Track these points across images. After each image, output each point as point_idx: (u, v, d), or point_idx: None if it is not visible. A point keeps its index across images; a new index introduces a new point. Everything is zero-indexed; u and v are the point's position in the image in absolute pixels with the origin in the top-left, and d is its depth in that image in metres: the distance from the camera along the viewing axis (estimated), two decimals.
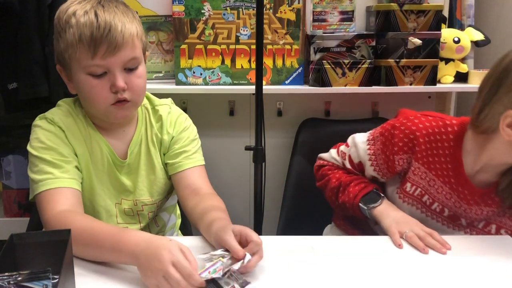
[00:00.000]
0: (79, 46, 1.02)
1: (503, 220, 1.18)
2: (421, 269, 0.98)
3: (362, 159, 1.27)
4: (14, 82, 1.58)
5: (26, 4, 1.53)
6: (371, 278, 0.94)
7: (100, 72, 1.04)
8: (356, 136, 1.30)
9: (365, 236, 1.18)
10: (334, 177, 1.30)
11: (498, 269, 0.99)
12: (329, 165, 1.36)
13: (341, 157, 1.33)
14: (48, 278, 0.73)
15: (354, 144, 1.29)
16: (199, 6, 1.70)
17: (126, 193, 1.19)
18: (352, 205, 1.23)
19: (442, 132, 1.16)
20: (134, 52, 1.06)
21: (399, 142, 1.19)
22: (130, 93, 1.07)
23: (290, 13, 1.73)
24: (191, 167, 1.20)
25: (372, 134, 1.27)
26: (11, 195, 1.94)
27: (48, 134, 1.09)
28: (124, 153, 1.18)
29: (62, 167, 1.07)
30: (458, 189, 1.16)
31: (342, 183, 1.27)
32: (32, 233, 0.84)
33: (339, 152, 1.34)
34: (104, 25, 1.01)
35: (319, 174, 1.37)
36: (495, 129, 1.06)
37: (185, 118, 1.25)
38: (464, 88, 1.79)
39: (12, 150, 1.93)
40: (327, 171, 1.34)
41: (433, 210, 1.22)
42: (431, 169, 1.18)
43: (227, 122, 1.93)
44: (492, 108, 1.06)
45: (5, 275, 0.72)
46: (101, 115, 1.11)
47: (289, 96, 1.90)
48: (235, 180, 1.92)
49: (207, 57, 1.74)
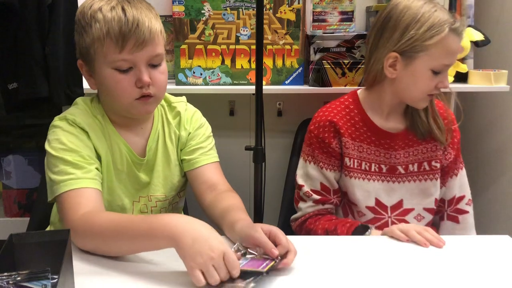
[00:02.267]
0: (106, 40, 1.03)
1: (429, 154, 1.35)
2: (420, 268, 0.98)
3: (318, 177, 1.35)
4: (14, 82, 1.58)
5: (26, 4, 1.53)
6: (371, 278, 0.94)
7: (126, 67, 1.05)
8: (298, 173, 1.40)
9: (365, 236, 1.18)
10: (318, 228, 1.31)
11: (498, 269, 0.99)
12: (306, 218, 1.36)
13: (308, 197, 1.36)
14: (47, 278, 0.73)
15: (304, 177, 1.37)
16: (199, 6, 1.70)
17: (142, 190, 1.20)
18: None
19: (344, 106, 1.36)
20: (158, 48, 1.08)
21: (325, 133, 1.33)
22: (154, 88, 1.09)
23: (290, 13, 1.73)
24: (207, 163, 1.22)
25: (304, 153, 1.39)
26: (11, 195, 1.94)
27: (70, 135, 1.09)
28: (142, 151, 1.19)
29: (84, 168, 1.06)
30: (380, 141, 1.33)
31: (328, 231, 1.28)
32: (31, 233, 0.84)
33: (302, 199, 1.38)
34: (132, 20, 1.02)
35: (303, 233, 1.37)
36: (382, 74, 1.26)
37: (200, 116, 1.28)
38: (464, 88, 1.79)
39: (12, 150, 1.94)
40: (309, 226, 1.34)
41: (373, 172, 1.34)
42: (354, 138, 1.33)
43: (227, 122, 1.93)
44: (378, 54, 1.26)
45: (4, 275, 0.72)
46: (124, 111, 1.12)
47: (289, 96, 1.90)
48: (235, 180, 1.91)
49: (207, 57, 1.74)
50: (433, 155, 1.35)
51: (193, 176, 1.22)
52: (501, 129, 2.00)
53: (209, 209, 1.16)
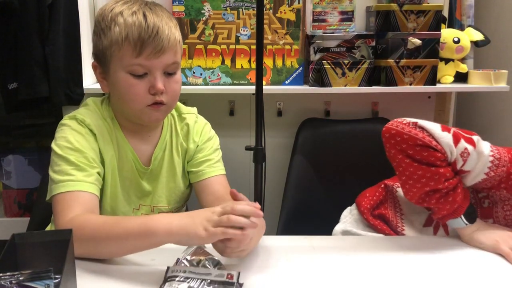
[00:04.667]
0: (124, 44, 1.03)
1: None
2: (421, 269, 0.98)
3: (472, 168, 1.09)
4: (14, 82, 1.58)
5: (26, 4, 1.53)
6: (371, 277, 0.94)
7: (141, 72, 1.05)
8: (483, 144, 1.11)
9: (365, 236, 1.18)
10: (443, 175, 1.07)
11: (497, 270, 0.99)
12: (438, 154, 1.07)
13: (458, 149, 1.08)
14: (50, 278, 0.73)
15: (479, 151, 1.08)
16: (199, 6, 1.70)
17: (144, 199, 1.19)
18: (454, 212, 1.09)
19: None
20: (175, 57, 1.08)
21: None
22: (167, 96, 1.08)
23: (290, 13, 1.73)
24: (214, 175, 1.20)
25: (498, 154, 1.09)
26: (11, 195, 1.94)
27: (77, 135, 1.08)
28: (148, 159, 1.18)
29: (86, 171, 1.04)
30: None
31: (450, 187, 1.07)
32: (33, 233, 0.84)
33: (459, 143, 1.08)
34: (153, 27, 1.02)
35: (418, 151, 1.07)
36: None
37: (210, 129, 1.27)
38: (464, 88, 1.79)
39: (12, 150, 1.94)
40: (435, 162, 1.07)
41: None
42: None
43: (227, 122, 1.93)
44: None
45: (7, 274, 0.72)
46: (134, 116, 1.11)
47: (289, 96, 1.90)
48: (235, 180, 1.91)
49: (207, 57, 1.74)
50: None
51: (200, 187, 1.21)
52: (501, 129, 2.00)
53: None
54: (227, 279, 0.83)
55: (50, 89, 1.60)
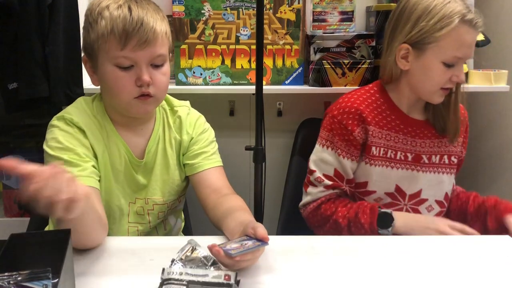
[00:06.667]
0: (110, 37, 1.04)
1: (450, 149, 1.38)
2: (420, 268, 0.98)
3: (333, 163, 1.34)
4: (14, 82, 1.58)
5: (26, 4, 1.53)
6: (371, 278, 0.94)
7: (127, 64, 1.06)
8: (312, 157, 1.39)
9: (365, 236, 1.18)
10: (339, 217, 1.30)
11: (498, 269, 0.99)
12: (319, 204, 1.34)
13: (319, 183, 1.35)
14: (48, 278, 0.73)
15: (318, 162, 1.36)
16: (199, 6, 1.70)
17: (140, 192, 1.20)
18: (371, 233, 1.27)
19: (370, 95, 1.35)
20: (161, 49, 1.08)
21: (349, 120, 1.31)
22: (154, 88, 1.09)
23: (290, 13, 1.73)
24: (210, 167, 1.21)
25: (322, 138, 1.37)
26: (11, 195, 1.94)
27: (66, 135, 1.09)
28: (141, 152, 1.19)
29: (80, 166, 1.07)
30: (408, 129, 1.34)
31: (350, 220, 1.28)
32: (32, 233, 0.84)
33: (313, 184, 1.36)
34: (137, 19, 1.04)
35: (319, 218, 1.35)
36: (397, 67, 1.29)
37: (204, 121, 1.28)
38: (464, 88, 1.79)
39: (12, 150, 1.94)
40: (326, 213, 1.32)
41: (398, 160, 1.34)
42: (382, 126, 1.32)
43: (227, 122, 1.93)
44: (391, 46, 1.29)
45: (5, 275, 0.72)
46: (123, 109, 1.12)
47: (289, 96, 1.90)
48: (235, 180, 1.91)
49: (207, 57, 1.74)
50: (453, 150, 1.39)
51: (197, 180, 1.21)
52: (501, 129, 2.00)
53: (213, 211, 1.15)
54: (224, 280, 0.83)
55: (50, 89, 1.61)
